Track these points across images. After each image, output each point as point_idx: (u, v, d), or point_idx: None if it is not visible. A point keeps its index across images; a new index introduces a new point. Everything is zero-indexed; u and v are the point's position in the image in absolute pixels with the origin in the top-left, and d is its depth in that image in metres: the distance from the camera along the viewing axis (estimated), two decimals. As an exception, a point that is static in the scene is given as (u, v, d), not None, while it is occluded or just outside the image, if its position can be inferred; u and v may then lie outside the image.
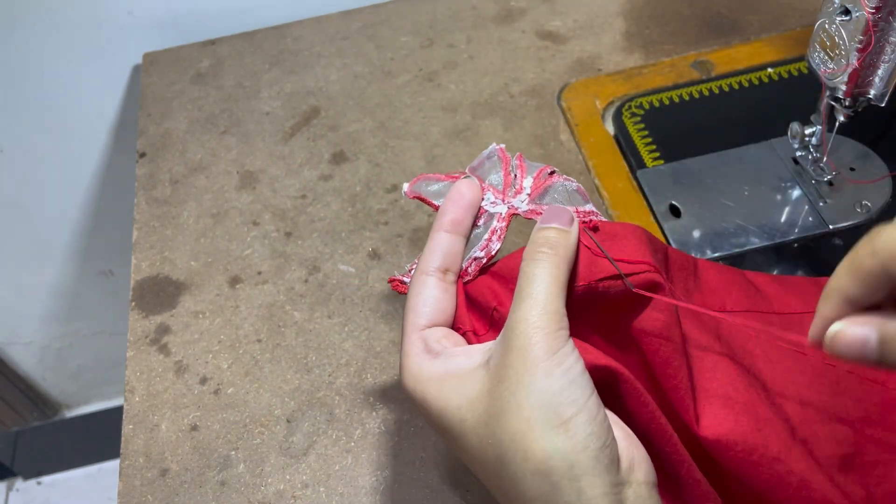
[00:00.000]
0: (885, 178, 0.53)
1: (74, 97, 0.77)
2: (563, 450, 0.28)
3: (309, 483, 0.45)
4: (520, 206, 0.36)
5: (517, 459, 0.28)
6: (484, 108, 0.64)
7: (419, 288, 0.34)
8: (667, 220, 0.54)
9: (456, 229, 0.35)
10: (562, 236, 0.32)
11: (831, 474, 0.36)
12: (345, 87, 0.67)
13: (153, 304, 0.54)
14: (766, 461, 0.35)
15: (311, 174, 0.61)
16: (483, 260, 0.36)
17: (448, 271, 0.35)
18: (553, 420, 0.28)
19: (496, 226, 0.36)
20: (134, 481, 0.46)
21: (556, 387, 0.28)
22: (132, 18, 0.72)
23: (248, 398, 0.49)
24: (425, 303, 0.34)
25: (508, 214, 0.36)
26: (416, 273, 0.35)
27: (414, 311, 0.34)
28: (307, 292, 0.54)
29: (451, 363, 0.32)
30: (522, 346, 0.29)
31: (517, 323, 0.30)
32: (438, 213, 0.36)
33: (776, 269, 0.52)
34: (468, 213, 0.36)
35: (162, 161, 0.63)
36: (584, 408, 0.28)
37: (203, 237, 0.58)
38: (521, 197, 0.36)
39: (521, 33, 0.69)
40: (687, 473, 0.34)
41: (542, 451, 0.28)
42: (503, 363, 0.30)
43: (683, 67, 0.64)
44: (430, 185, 0.38)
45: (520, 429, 0.28)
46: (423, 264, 0.35)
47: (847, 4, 0.42)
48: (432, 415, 0.32)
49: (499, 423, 0.29)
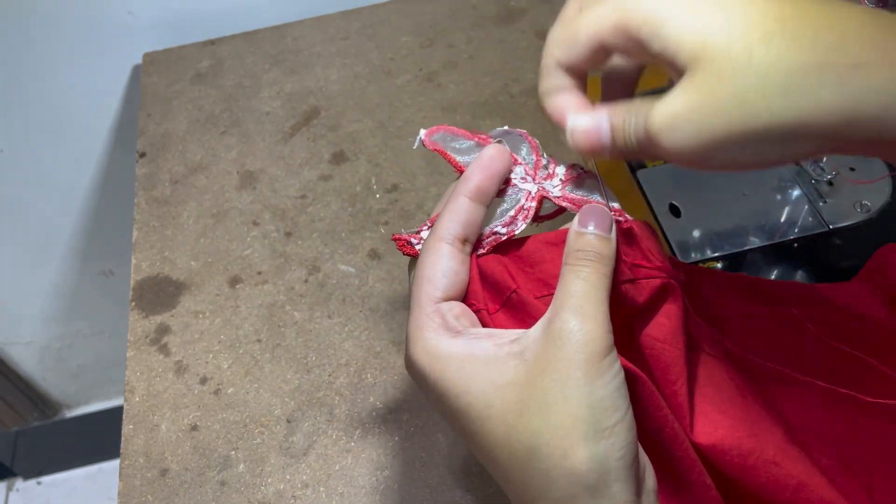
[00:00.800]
0: (884, 178, 0.53)
1: (74, 97, 0.77)
2: (604, 455, 0.28)
3: (309, 483, 0.45)
4: (551, 191, 0.34)
5: (554, 455, 0.28)
6: (484, 108, 0.64)
7: (435, 256, 0.32)
8: (667, 220, 0.54)
9: (480, 198, 0.33)
10: (604, 245, 0.31)
11: (832, 476, 0.36)
12: (345, 87, 0.67)
13: (153, 304, 0.54)
14: (762, 464, 0.35)
15: (311, 174, 0.61)
16: (503, 237, 0.34)
17: (466, 241, 0.33)
18: (599, 423, 0.28)
19: (525, 204, 0.34)
20: (134, 481, 0.46)
21: (605, 391, 0.28)
22: (132, 18, 0.72)
23: (248, 398, 0.49)
24: (443, 273, 0.32)
25: (539, 196, 0.34)
26: (433, 238, 0.33)
27: (430, 282, 0.32)
28: (307, 292, 0.54)
29: (475, 345, 0.30)
30: (574, 344, 0.29)
31: (564, 322, 0.29)
32: (463, 177, 0.33)
33: (776, 269, 0.52)
34: (495, 183, 0.34)
35: (162, 161, 0.63)
36: (625, 417, 0.28)
37: (203, 237, 0.58)
38: (553, 182, 0.34)
39: (521, 33, 0.69)
40: (698, 478, 0.34)
41: (584, 453, 0.27)
42: (547, 357, 0.29)
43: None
44: (454, 142, 0.35)
45: (564, 426, 0.28)
46: (441, 229, 0.33)
47: (847, 4, 0.42)
48: (448, 395, 0.30)
49: (540, 415, 0.28)
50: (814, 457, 0.37)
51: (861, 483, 0.37)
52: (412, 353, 0.31)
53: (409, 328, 0.32)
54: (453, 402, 0.30)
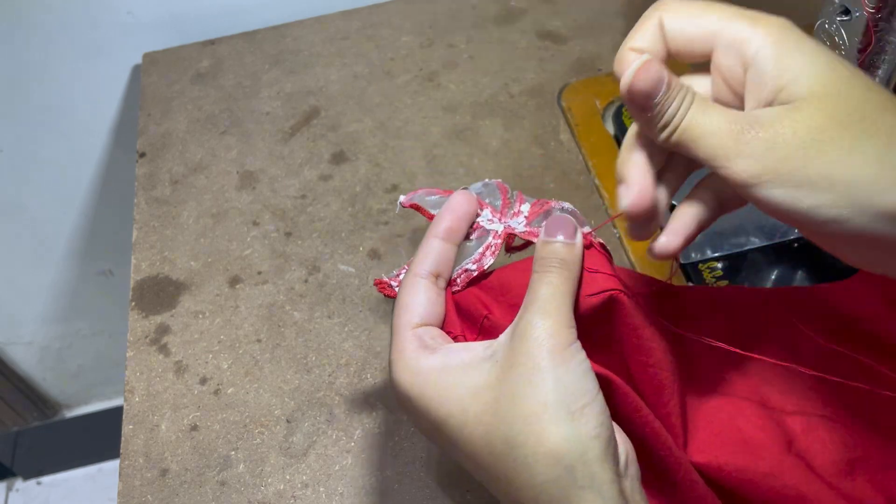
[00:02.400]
0: (884, 178, 0.53)
1: (74, 97, 0.77)
2: (578, 435, 0.28)
3: (309, 483, 0.45)
4: (516, 227, 0.37)
5: (529, 442, 0.29)
6: (484, 108, 0.64)
7: (413, 289, 0.35)
8: (667, 219, 0.53)
9: (450, 237, 0.36)
10: (568, 251, 0.33)
11: (836, 480, 0.36)
12: (345, 87, 0.67)
13: (153, 304, 0.54)
14: (759, 477, 0.35)
15: (311, 174, 0.61)
16: (474, 273, 0.36)
17: (439, 276, 0.36)
18: (569, 406, 0.29)
19: (491, 241, 0.37)
20: (134, 481, 0.46)
21: (571, 376, 0.29)
22: (132, 18, 0.72)
23: (248, 398, 0.49)
24: (419, 302, 0.34)
25: (505, 233, 0.37)
26: (409, 275, 0.35)
27: (407, 310, 0.34)
28: (307, 292, 0.54)
29: (450, 357, 0.32)
30: (537, 337, 0.30)
31: (529, 322, 0.31)
32: (434, 221, 0.36)
33: (776, 269, 0.52)
34: (463, 223, 0.36)
35: (162, 161, 0.63)
36: (594, 399, 0.29)
37: (203, 237, 0.58)
38: (518, 219, 0.37)
39: (521, 33, 0.69)
40: (685, 476, 0.34)
41: (558, 434, 0.28)
42: (514, 353, 0.30)
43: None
44: (427, 197, 0.38)
45: (535, 412, 0.29)
46: (416, 267, 0.35)
47: (847, 4, 0.42)
48: (429, 408, 0.32)
49: (512, 407, 0.29)
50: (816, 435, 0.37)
51: (878, 486, 0.37)
52: (394, 375, 0.33)
53: (391, 355, 0.34)
54: (434, 413, 0.32)
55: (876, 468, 0.37)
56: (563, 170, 0.58)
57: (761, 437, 0.36)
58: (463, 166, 0.60)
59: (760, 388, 0.38)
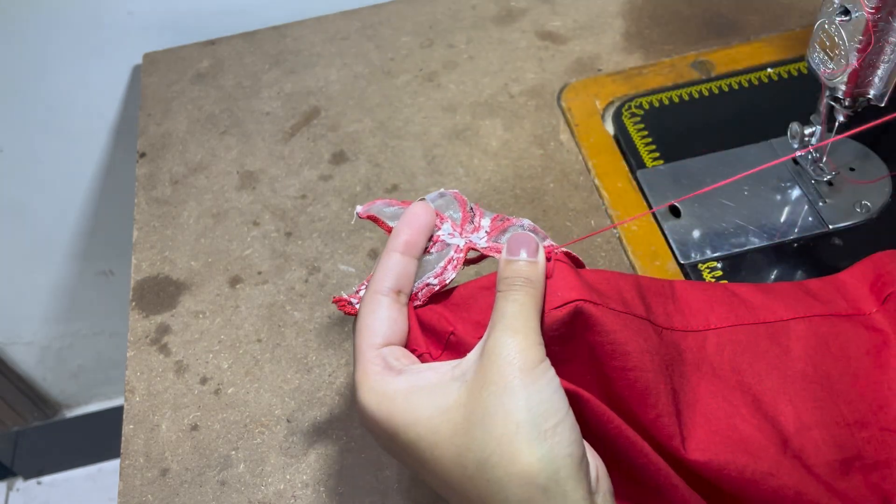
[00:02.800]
0: (884, 178, 0.54)
1: (74, 97, 0.77)
2: (550, 455, 0.28)
3: (309, 483, 0.45)
4: (478, 242, 0.36)
5: (503, 463, 0.29)
6: (484, 108, 0.64)
7: (373, 307, 0.34)
8: (667, 220, 0.54)
9: (409, 251, 0.35)
10: (532, 269, 0.33)
11: (831, 480, 0.36)
12: (345, 87, 0.67)
13: (153, 304, 0.54)
14: (759, 476, 0.35)
15: (311, 174, 0.61)
16: (435, 287, 0.36)
17: (401, 293, 0.35)
18: (540, 425, 0.29)
19: (453, 255, 0.36)
20: (134, 481, 0.46)
21: (541, 395, 0.29)
22: (132, 18, 0.72)
23: (249, 398, 0.49)
24: (381, 321, 0.34)
25: (466, 248, 0.36)
26: (369, 293, 0.35)
27: (370, 330, 0.34)
28: (307, 292, 0.54)
29: (417, 378, 0.32)
30: (506, 356, 0.30)
31: (497, 340, 0.31)
32: (392, 234, 0.36)
33: (775, 270, 0.52)
34: (422, 236, 0.36)
35: (162, 161, 0.63)
36: (565, 417, 0.30)
37: (203, 237, 0.58)
38: (479, 234, 0.37)
39: (521, 33, 0.69)
40: (665, 480, 0.34)
41: (531, 454, 0.28)
42: (484, 373, 0.30)
43: (683, 68, 0.64)
44: (385, 208, 0.38)
45: (507, 432, 0.29)
46: (376, 284, 0.35)
47: (847, 4, 0.42)
48: (398, 430, 0.31)
49: (483, 427, 0.29)
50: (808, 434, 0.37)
51: (870, 484, 0.37)
52: (360, 398, 0.33)
53: (355, 377, 0.33)
54: (403, 436, 0.31)
55: (869, 468, 0.37)
56: (562, 170, 0.58)
57: (758, 436, 0.36)
58: (463, 166, 0.60)
59: (753, 386, 0.38)
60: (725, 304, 0.40)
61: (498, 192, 0.58)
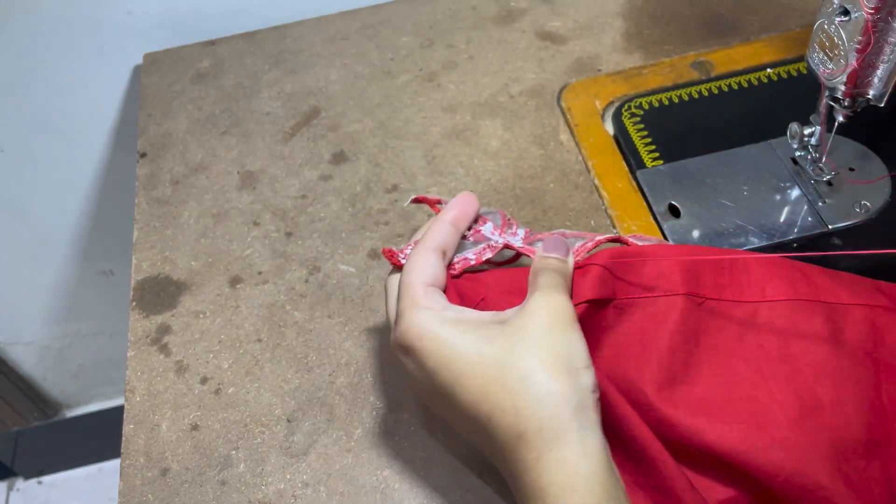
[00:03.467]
0: (884, 178, 0.54)
1: (74, 97, 0.77)
2: (582, 384, 0.34)
3: (309, 482, 0.45)
4: (515, 242, 0.41)
5: (545, 380, 0.33)
6: (484, 108, 0.64)
7: (423, 256, 0.38)
8: (666, 220, 0.54)
9: (456, 225, 0.40)
10: (563, 265, 0.39)
11: (846, 461, 0.37)
12: (345, 87, 0.67)
13: (153, 303, 0.54)
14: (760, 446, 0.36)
15: (312, 174, 0.61)
16: (472, 261, 0.40)
17: (445, 254, 0.39)
18: (575, 363, 0.34)
19: (492, 242, 0.41)
20: (134, 481, 0.46)
21: (576, 342, 0.35)
22: (132, 18, 0.72)
23: (249, 398, 0.49)
24: (430, 267, 0.38)
25: (504, 244, 0.41)
26: (419, 247, 0.39)
27: (420, 271, 0.37)
28: (307, 292, 0.54)
29: (464, 314, 0.36)
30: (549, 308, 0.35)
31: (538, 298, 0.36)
32: (445, 207, 0.40)
33: (776, 269, 0.52)
34: (467, 216, 0.41)
35: (162, 161, 0.63)
36: (590, 366, 0.35)
37: (203, 237, 0.58)
38: (516, 238, 0.42)
39: (521, 33, 0.69)
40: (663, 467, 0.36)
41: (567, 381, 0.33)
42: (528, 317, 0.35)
43: (683, 68, 0.64)
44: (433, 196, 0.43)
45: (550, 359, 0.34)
46: (426, 241, 0.39)
47: (846, 5, 0.42)
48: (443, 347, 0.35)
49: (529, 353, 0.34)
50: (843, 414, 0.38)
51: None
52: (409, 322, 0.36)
53: (400, 307, 0.37)
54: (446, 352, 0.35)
55: (893, 457, 0.37)
56: (562, 170, 0.58)
57: (775, 410, 0.37)
58: (463, 166, 0.60)
59: (798, 358, 0.39)
60: (786, 280, 0.41)
61: (498, 192, 0.58)
